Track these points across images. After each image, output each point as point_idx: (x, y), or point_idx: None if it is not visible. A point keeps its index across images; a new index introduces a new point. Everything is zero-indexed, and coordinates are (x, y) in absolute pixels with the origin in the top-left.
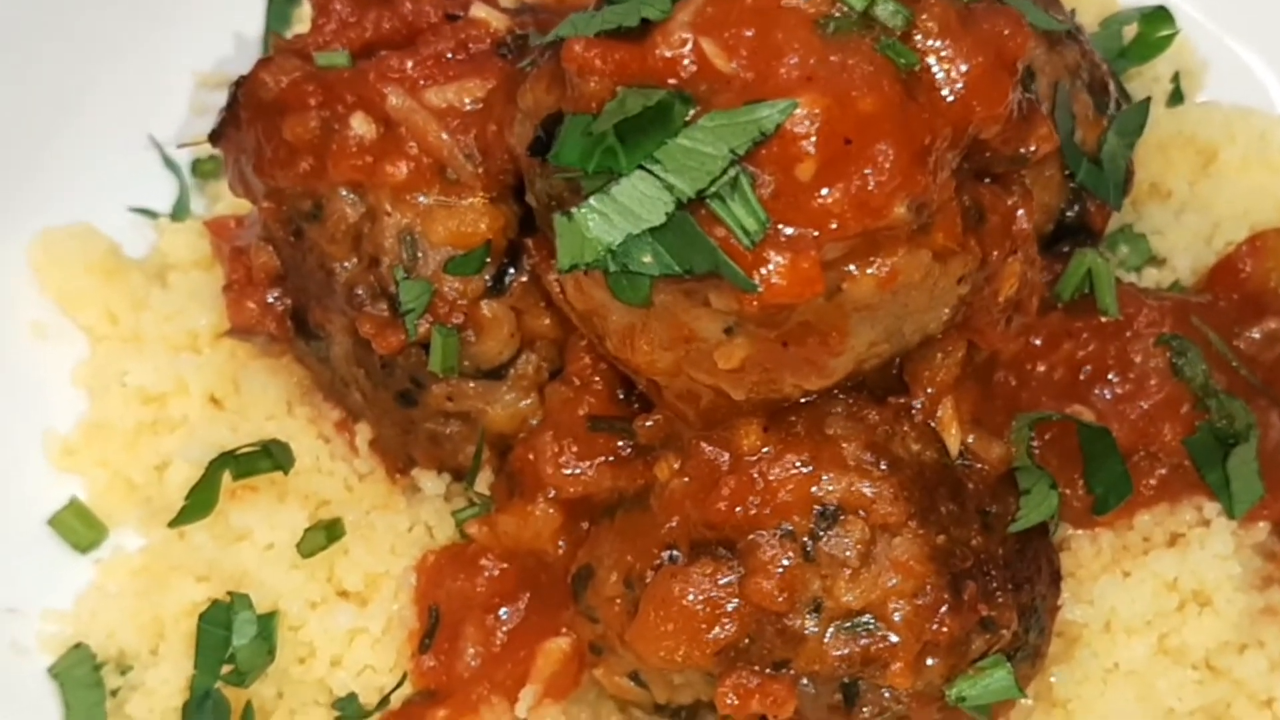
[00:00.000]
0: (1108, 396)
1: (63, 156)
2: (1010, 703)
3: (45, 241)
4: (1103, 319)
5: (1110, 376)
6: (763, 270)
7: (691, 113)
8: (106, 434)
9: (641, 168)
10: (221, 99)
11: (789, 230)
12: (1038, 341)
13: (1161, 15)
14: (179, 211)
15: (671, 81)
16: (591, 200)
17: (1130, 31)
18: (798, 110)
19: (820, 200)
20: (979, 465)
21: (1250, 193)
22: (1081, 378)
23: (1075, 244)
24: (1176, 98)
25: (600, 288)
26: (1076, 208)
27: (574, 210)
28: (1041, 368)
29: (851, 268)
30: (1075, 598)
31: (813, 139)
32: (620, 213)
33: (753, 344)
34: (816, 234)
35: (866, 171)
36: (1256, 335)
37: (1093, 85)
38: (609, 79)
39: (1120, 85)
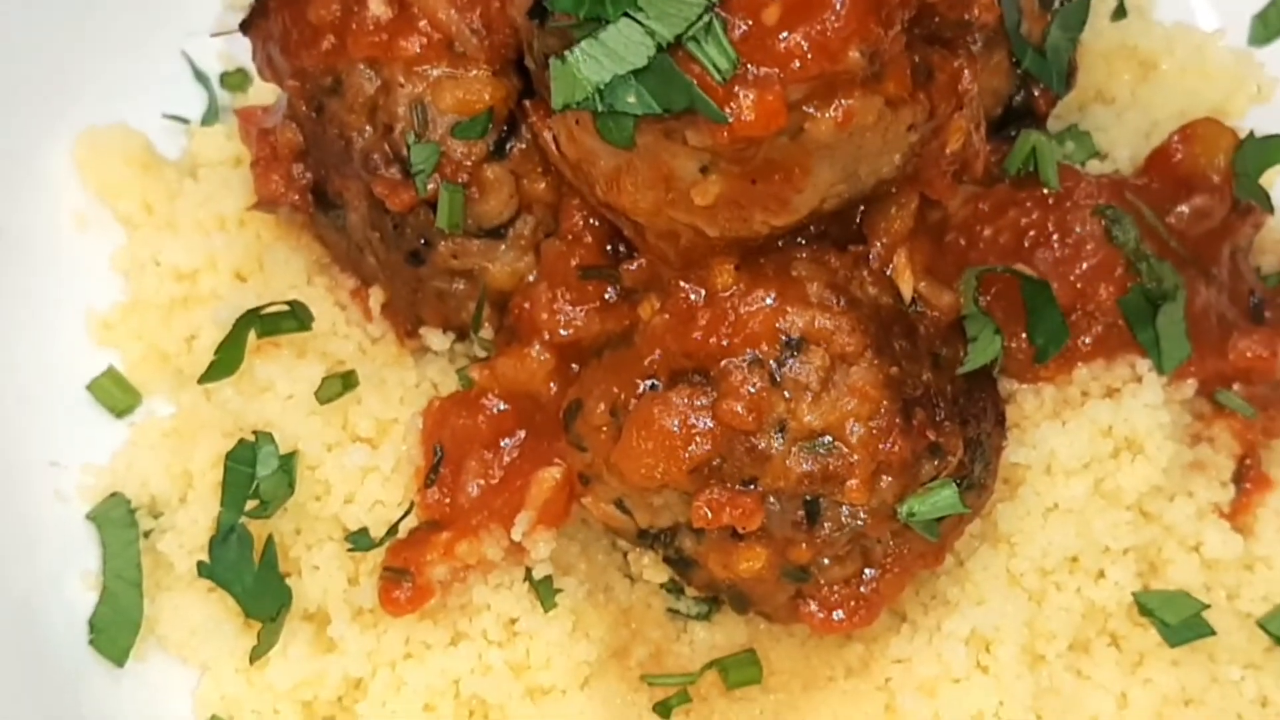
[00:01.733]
0: (1048, 259)
1: (101, 68)
2: (959, 531)
3: (87, 139)
4: (1045, 191)
5: (1051, 241)
6: (733, 105)
7: None
8: (142, 310)
9: (626, 15)
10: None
11: (757, 70)
12: (985, 208)
13: None
14: (209, 117)
15: None
16: (582, 44)
17: None
18: None
19: (784, 42)
20: (930, 311)
21: (1186, 96)
22: (1025, 243)
23: (1022, 127)
24: (1121, 13)
25: (589, 133)
26: (1023, 93)
27: (567, 54)
28: (988, 232)
29: (812, 109)
30: (1019, 443)
31: None
32: (607, 55)
33: (725, 181)
34: (780, 73)
35: (825, 17)
36: (1185, 211)
37: None
38: None
39: None
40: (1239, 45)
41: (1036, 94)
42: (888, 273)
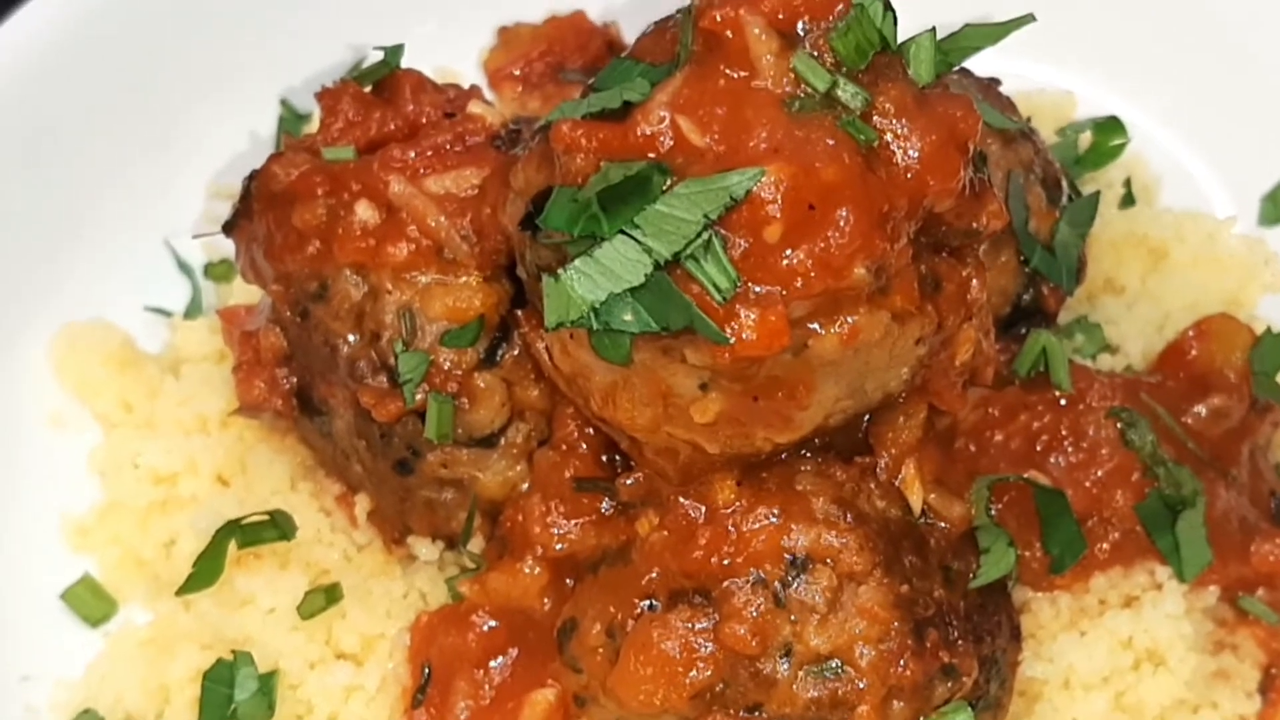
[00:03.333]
0: (1062, 464)
1: (81, 259)
2: None
3: (65, 335)
4: (1057, 393)
5: (1064, 446)
6: (734, 324)
7: (669, 182)
8: (119, 514)
9: (623, 232)
10: (228, 209)
11: (758, 288)
12: (996, 413)
13: (1114, 125)
14: (192, 310)
15: (650, 155)
16: (576, 262)
17: (1085, 140)
18: (765, 178)
19: (786, 260)
20: (941, 524)
21: (1198, 287)
22: (1037, 448)
23: (1031, 326)
24: (1128, 200)
25: (584, 349)
26: (1031, 292)
27: (560, 271)
28: (999, 437)
29: (816, 326)
30: (1035, 656)
31: (779, 204)
32: (603, 273)
33: (726, 398)
34: (783, 291)
35: (829, 234)
36: (1203, 411)
37: (1045, 180)
38: (594, 155)
39: (1072, 183)
40: (1250, 230)
41: (1045, 292)
42: (896, 484)
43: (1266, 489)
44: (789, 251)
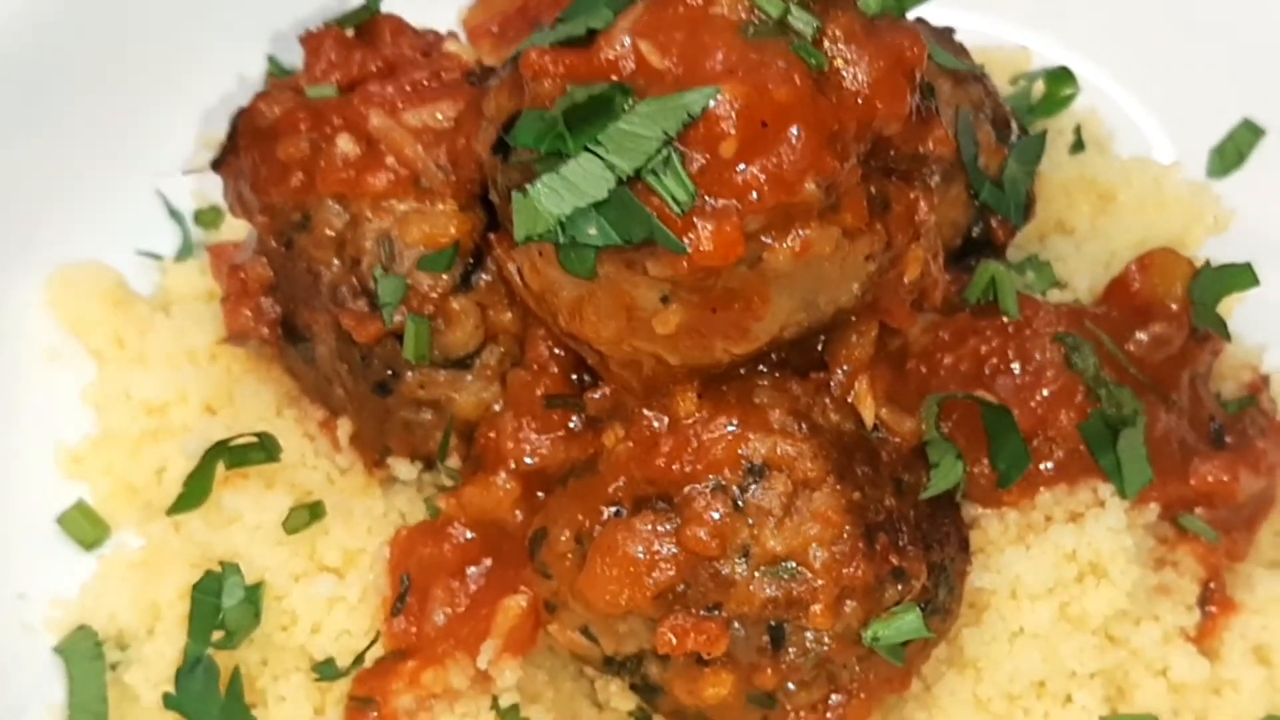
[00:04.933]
0: (1009, 386)
1: (76, 206)
2: (925, 655)
3: (60, 276)
4: (1005, 320)
5: (1011, 368)
6: (692, 235)
7: (630, 102)
8: (111, 443)
9: (587, 150)
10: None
11: (715, 201)
12: (946, 337)
13: (1064, 75)
14: (183, 254)
15: (613, 78)
16: (544, 179)
17: (1038, 91)
18: (721, 96)
19: (741, 175)
20: (892, 438)
21: (1144, 228)
22: (985, 370)
23: (981, 257)
24: (1079, 146)
25: (552, 265)
26: (981, 224)
27: (529, 187)
28: (949, 360)
29: (770, 240)
30: (983, 568)
31: (733, 121)
32: (568, 189)
33: (686, 310)
34: (738, 204)
35: (781, 151)
36: (1144, 338)
37: (995, 120)
38: (560, 79)
39: (1021, 124)
40: (1196, 177)
41: (995, 225)
42: (849, 400)
43: (1206, 414)
44: (743, 166)
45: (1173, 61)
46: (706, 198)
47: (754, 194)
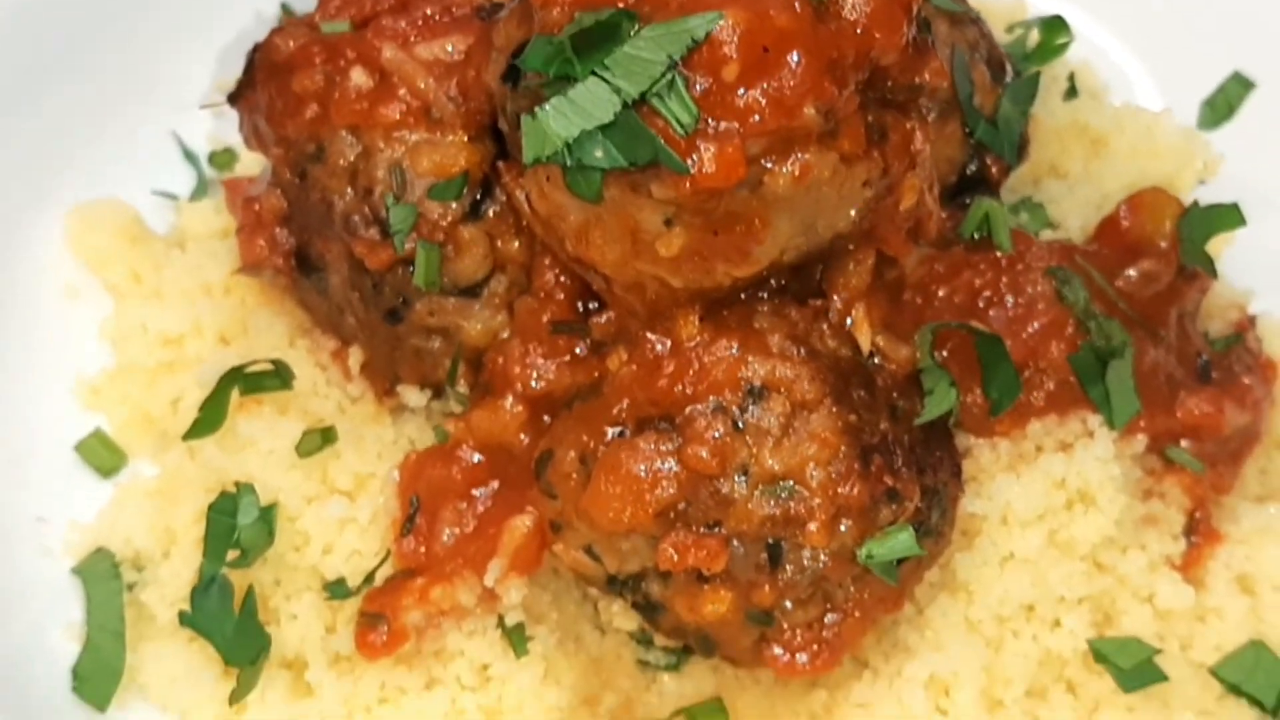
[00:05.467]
0: (1001, 318)
1: (93, 147)
2: (917, 577)
3: (78, 212)
4: (998, 254)
5: (1004, 301)
6: (695, 157)
7: (636, 27)
8: (128, 375)
9: (594, 73)
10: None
11: (717, 124)
12: (941, 270)
13: (1059, 23)
14: (198, 193)
15: (620, 4)
16: (552, 101)
17: (1033, 39)
18: (723, 21)
19: (742, 98)
20: (888, 365)
21: (1136, 172)
22: (979, 303)
23: (976, 194)
24: (1072, 93)
25: (559, 189)
26: (976, 162)
27: (537, 110)
28: (943, 292)
29: (770, 164)
30: (975, 495)
31: (735, 45)
32: (576, 112)
33: (688, 233)
34: (740, 127)
35: (781, 75)
36: (1133, 274)
37: (990, 61)
38: (568, 7)
39: (1016, 67)
40: (1187, 124)
41: (989, 163)
42: (847, 326)
43: (1193, 350)
44: (744, 90)
45: (1165, 14)
46: (709, 120)
47: (755, 117)
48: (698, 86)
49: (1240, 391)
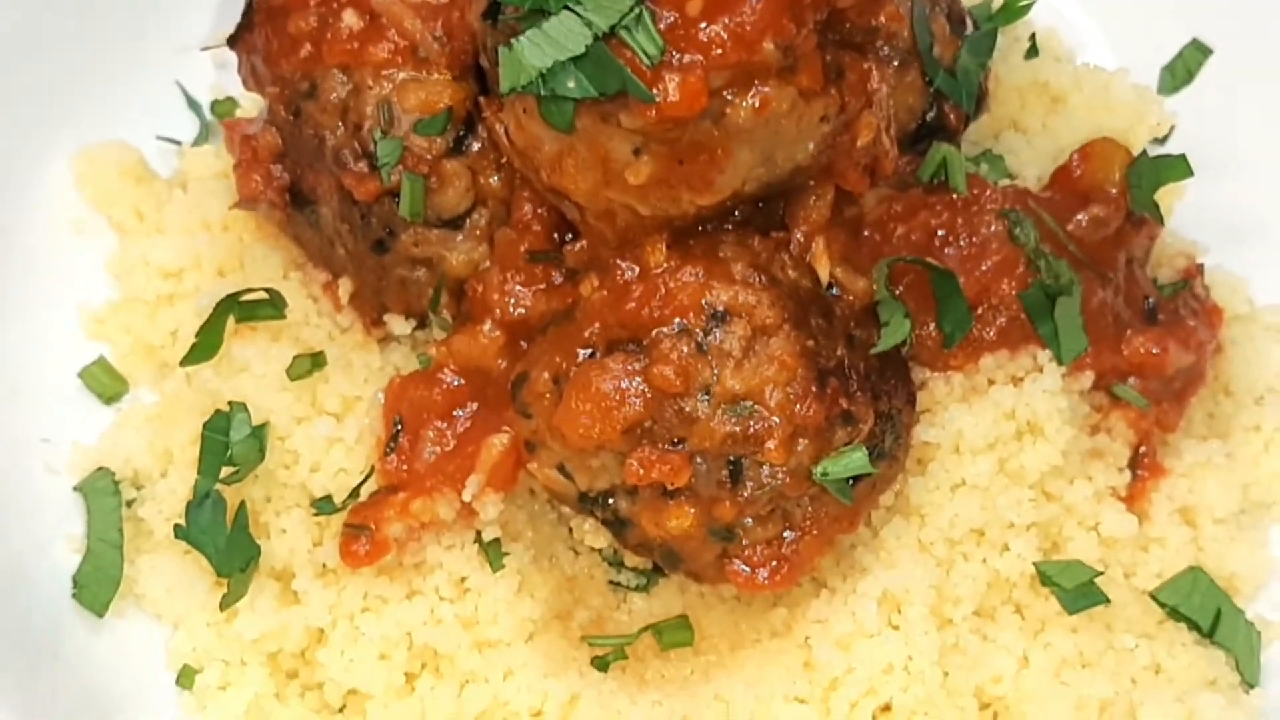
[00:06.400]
0: (956, 256)
1: (99, 93)
2: (872, 500)
3: (85, 153)
4: (954, 196)
5: (958, 240)
6: (660, 86)
7: None
8: (131, 306)
9: (567, 7)
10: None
11: (682, 57)
12: (898, 209)
13: None
14: (200, 139)
15: None
16: (527, 33)
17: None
18: None
19: (705, 32)
20: (846, 296)
21: (1092, 127)
22: (935, 241)
23: (935, 140)
24: (1033, 52)
25: (535, 120)
26: (935, 110)
27: (513, 41)
28: (901, 230)
29: (731, 96)
30: (929, 424)
31: None
32: (549, 44)
33: (655, 161)
34: (703, 59)
35: (743, 11)
36: (1083, 219)
37: (950, 14)
38: None
39: (976, 22)
40: (1142, 82)
41: (948, 110)
42: (807, 259)
43: (1141, 294)
44: (707, 24)
45: None
46: (674, 53)
47: (717, 50)
48: (664, 21)
49: (1185, 333)
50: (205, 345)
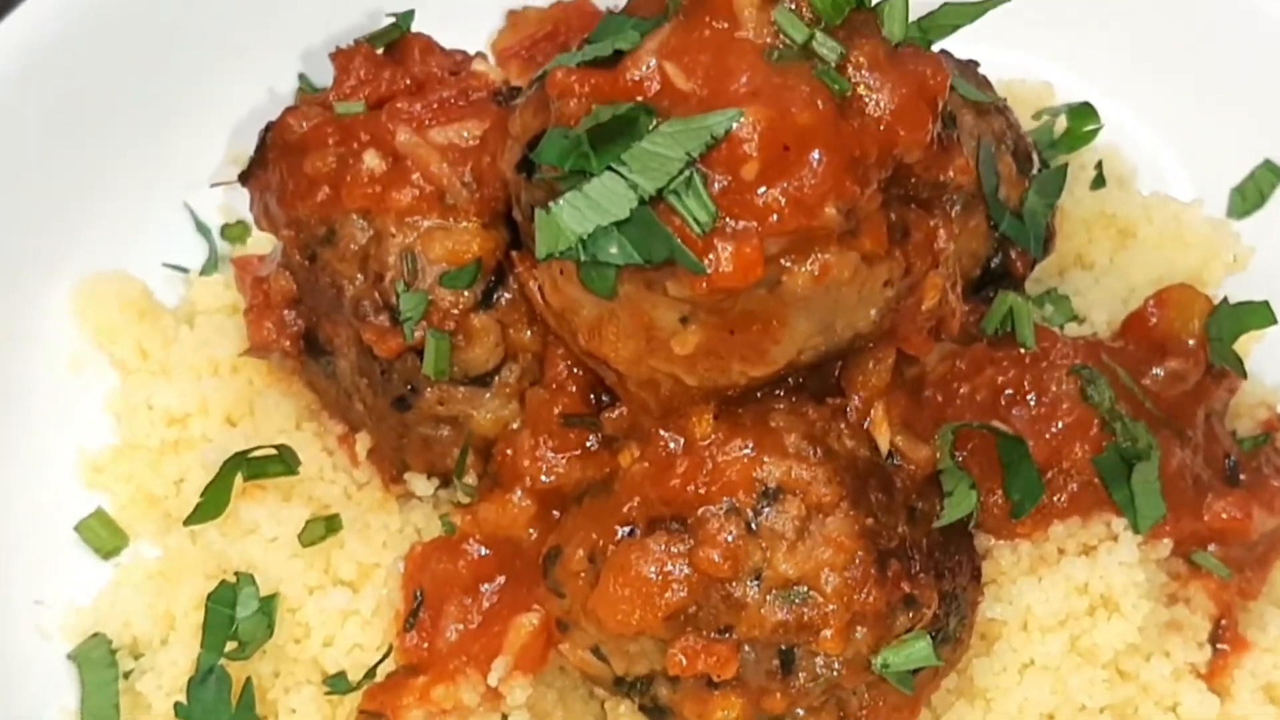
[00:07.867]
0: (1024, 417)
1: (104, 217)
2: (934, 685)
3: (86, 284)
4: (1022, 351)
5: (1027, 399)
6: (712, 256)
7: (655, 122)
8: (132, 453)
9: (610, 169)
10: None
11: (736, 223)
12: (962, 366)
13: (1087, 110)
14: (209, 267)
15: (638, 98)
16: (566, 196)
17: (1060, 126)
18: (744, 119)
19: (762, 197)
20: (907, 465)
21: (1163, 264)
22: (1001, 400)
23: (999, 288)
24: (1099, 182)
25: (573, 283)
26: (1000, 255)
27: (551, 205)
28: (965, 389)
29: (789, 263)
30: (995, 599)
31: (756, 143)
32: (591, 207)
33: (704, 331)
34: (759, 226)
35: (802, 174)
36: (1160, 374)
37: (1017, 151)
38: (586, 99)
39: (1043, 158)
40: (1216, 215)
41: (1014, 256)
42: (865, 426)
43: (1221, 452)
44: (764, 189)
45: (1195, 100)
46: (727, 219)
47: (774, 216)
48: (716, 184)
49: (1269, 495)
50: (211, 504)
